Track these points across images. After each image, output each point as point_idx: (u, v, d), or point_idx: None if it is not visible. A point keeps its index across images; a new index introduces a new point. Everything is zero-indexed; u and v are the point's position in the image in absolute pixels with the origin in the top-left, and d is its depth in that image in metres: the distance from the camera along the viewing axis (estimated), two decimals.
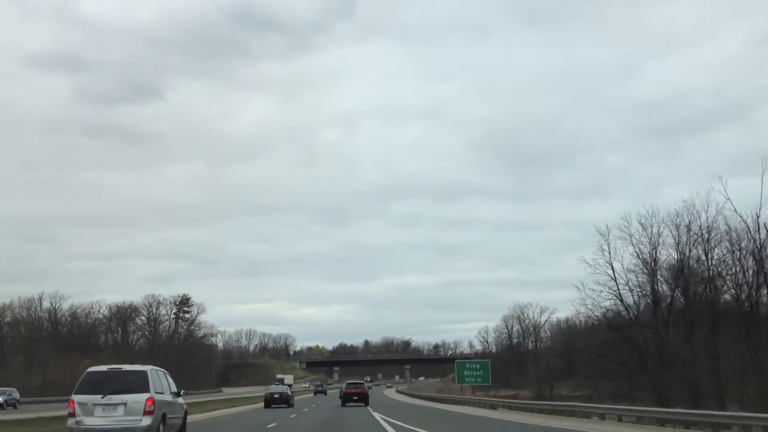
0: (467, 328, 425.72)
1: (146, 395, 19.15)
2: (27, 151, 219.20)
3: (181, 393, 23.53)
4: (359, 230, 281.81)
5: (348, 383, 61.65)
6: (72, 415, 19.07)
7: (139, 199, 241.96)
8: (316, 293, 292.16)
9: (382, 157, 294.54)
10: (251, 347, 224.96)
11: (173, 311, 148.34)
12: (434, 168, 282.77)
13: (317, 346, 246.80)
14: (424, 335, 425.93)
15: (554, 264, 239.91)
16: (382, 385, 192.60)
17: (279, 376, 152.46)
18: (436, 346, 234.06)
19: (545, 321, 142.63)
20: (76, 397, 19.14)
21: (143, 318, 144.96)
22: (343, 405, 55.07)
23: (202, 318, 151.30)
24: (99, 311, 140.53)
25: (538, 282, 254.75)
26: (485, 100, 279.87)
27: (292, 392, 62.81)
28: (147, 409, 19.01)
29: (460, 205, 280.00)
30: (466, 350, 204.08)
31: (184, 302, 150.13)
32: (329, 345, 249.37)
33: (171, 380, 22.33)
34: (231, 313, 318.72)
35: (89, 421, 18.89)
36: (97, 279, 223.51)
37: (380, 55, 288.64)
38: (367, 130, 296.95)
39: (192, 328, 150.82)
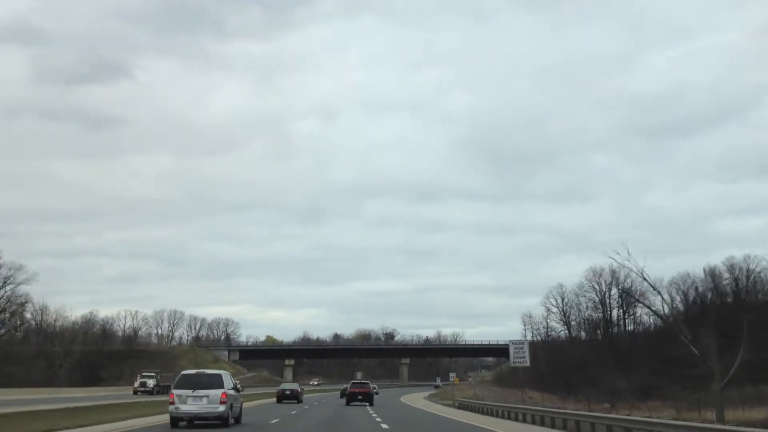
0: (446, 333, 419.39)
1: (222, 390, 27.53)
2: None
3: (240, 388, 31.35)
4: (333, 230, 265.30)
5: (353, 383, 68.34)
6: (172, 403, 27.16)
7: (103, 192, 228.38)
8: (285, 296, 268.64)
9: (359, 152, 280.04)
10: (176, 333, 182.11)
11: None
12: (413, 166, 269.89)
13: (270, 336, 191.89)
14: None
15: (530, 270, 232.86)
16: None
17: None
18: (428, 340, 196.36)
19: None
20: (175, 391, 27.17)
21: None
22: (348, 404, 62.03)
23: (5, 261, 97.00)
24: None
25: (513, 288, 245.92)
26: (471, 92, 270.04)
27: (301, 389, 70.41)
28: (222, 399, 27.34)
29: (438, 207, 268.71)
30: (476, 340, 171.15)
31: None
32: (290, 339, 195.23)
33: (233, 379, 30.49)
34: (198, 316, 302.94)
35: (184, 408, 26.92)
36: (59, 279, 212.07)
37: (363, 37, 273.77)
38: (346, 122, 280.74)
39: None
